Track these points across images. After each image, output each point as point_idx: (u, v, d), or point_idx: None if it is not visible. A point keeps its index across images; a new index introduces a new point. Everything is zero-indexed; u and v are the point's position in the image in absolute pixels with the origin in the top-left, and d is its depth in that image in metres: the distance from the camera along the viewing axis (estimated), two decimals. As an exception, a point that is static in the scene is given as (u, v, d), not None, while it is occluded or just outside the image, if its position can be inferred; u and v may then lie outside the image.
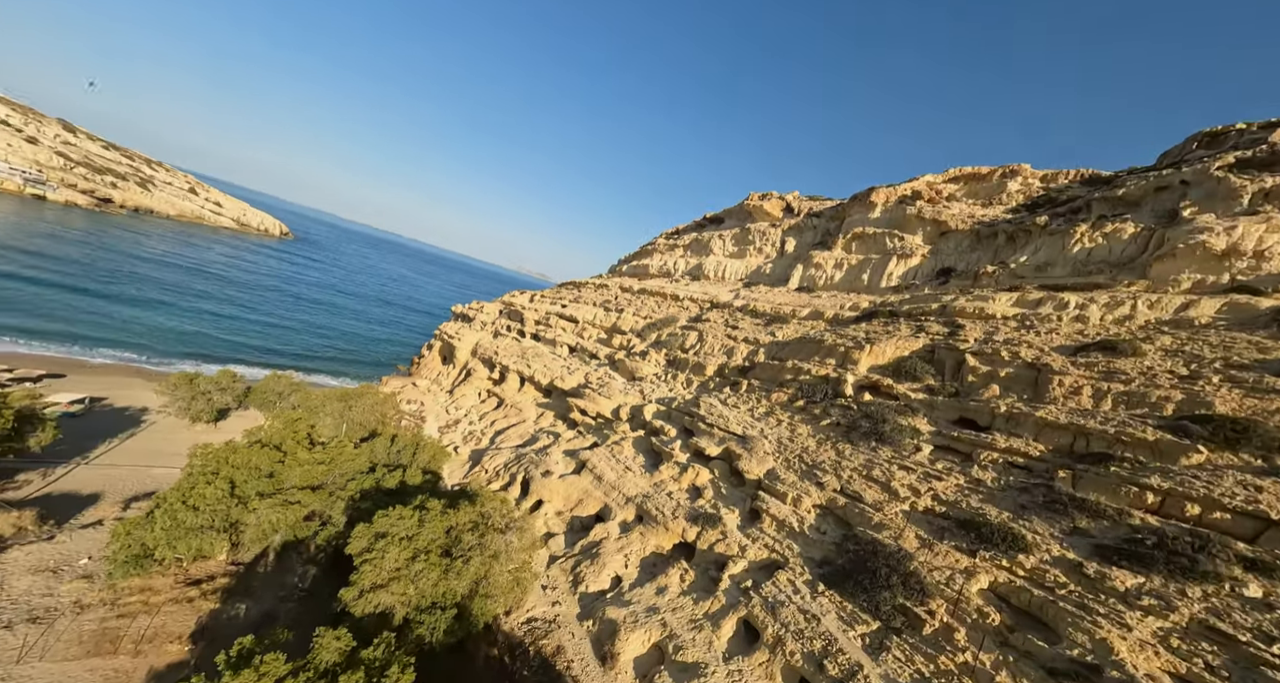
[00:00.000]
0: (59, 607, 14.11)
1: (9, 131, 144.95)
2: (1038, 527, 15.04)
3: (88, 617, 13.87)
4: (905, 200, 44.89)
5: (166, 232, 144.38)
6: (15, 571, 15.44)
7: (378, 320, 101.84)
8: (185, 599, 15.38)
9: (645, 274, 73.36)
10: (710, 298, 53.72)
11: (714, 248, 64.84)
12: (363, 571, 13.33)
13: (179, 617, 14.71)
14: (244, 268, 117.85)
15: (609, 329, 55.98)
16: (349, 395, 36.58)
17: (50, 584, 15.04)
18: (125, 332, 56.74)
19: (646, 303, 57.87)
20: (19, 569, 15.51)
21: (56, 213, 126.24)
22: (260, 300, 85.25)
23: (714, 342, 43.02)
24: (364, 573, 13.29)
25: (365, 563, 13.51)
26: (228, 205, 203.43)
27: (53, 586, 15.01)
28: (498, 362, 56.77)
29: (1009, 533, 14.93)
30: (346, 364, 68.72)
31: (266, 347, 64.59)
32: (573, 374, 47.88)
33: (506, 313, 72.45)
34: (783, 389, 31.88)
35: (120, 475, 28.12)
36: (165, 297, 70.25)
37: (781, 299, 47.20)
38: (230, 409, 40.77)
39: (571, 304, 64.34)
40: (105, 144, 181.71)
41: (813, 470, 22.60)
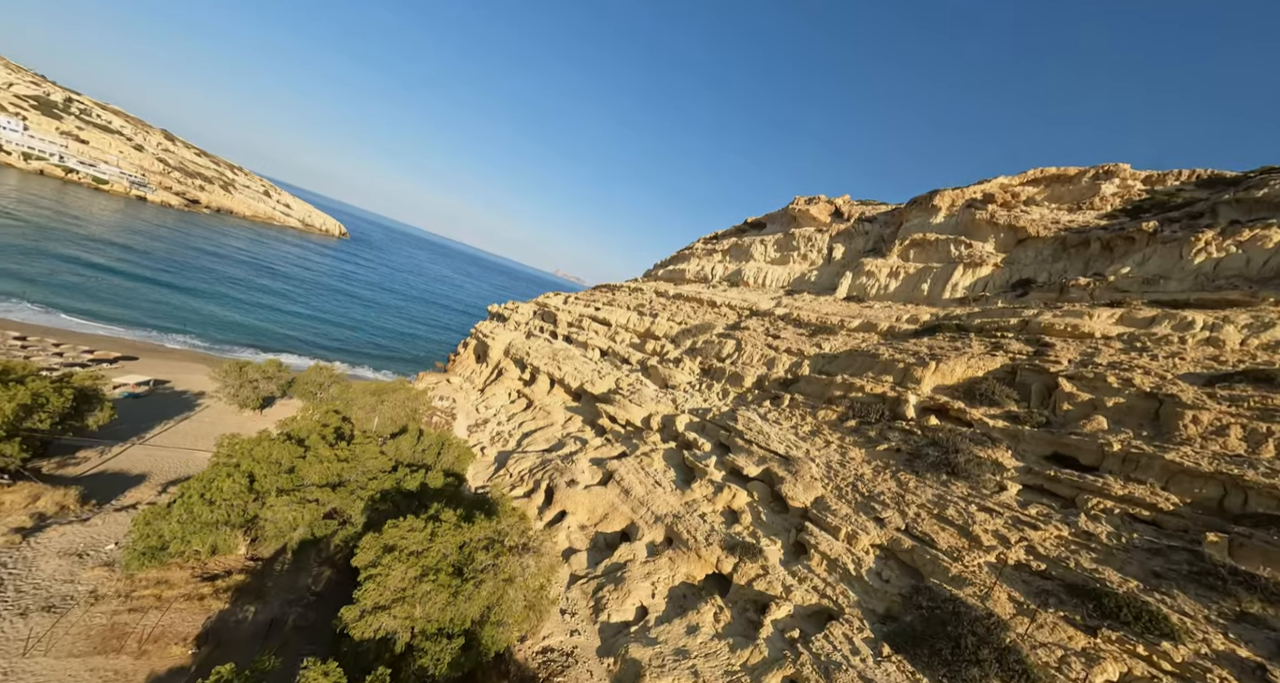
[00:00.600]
0: (75, 596, 13.83)
1: (121, 140, 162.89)
2: (1185, 606, 11.64)
3: (100, 609, 13.47)
4: (975, 204, 40.48)
5: (241, 230, 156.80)
6: (46, 552, 15.45)
7: (420, 319, 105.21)
8: (197, 597, 14.80)
9: (681, 279, 71.22)
10: (749, 305, 50.85)
11: (754, 253, 61.85)
12: (366, 588, 12.08)
13: (188, 616, 14.10)
14: (305, 266, 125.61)
15: (642, 334, 54.21)
16: (383, 390, 36.65)
17: (73, 570, 14.88)
18: (195, 321, 60.79)
19: (682, 308, 55.68)
20: (49, 551, 15.52)
21: (153, 212, 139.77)
22: (316, 297, 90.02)
23: (753, 351, 40.23)
24: (367, 591, 12.03)
25: (370, 579, 12.27)
26: (295, 207, 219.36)
27: (75, 572, 14.84)
28: (529, 362, 56.25)
29: (1144, 610, 11.64)
30: (388, 360, 70.68)
31: (317, 340, 67.45)
32: (603, 379, 46.35)
33: (540, 314, 72.33)
34: (831, 407, 28.76)
35: (167, 458, 29.02)
36: (233, 291, 75.25)
37: (828, 308, 43.72)
38: (275, 398, 42.08)
39: (605, 307, 63.13)
40: (197, 151, 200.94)
41: (870, 503, 19.61)
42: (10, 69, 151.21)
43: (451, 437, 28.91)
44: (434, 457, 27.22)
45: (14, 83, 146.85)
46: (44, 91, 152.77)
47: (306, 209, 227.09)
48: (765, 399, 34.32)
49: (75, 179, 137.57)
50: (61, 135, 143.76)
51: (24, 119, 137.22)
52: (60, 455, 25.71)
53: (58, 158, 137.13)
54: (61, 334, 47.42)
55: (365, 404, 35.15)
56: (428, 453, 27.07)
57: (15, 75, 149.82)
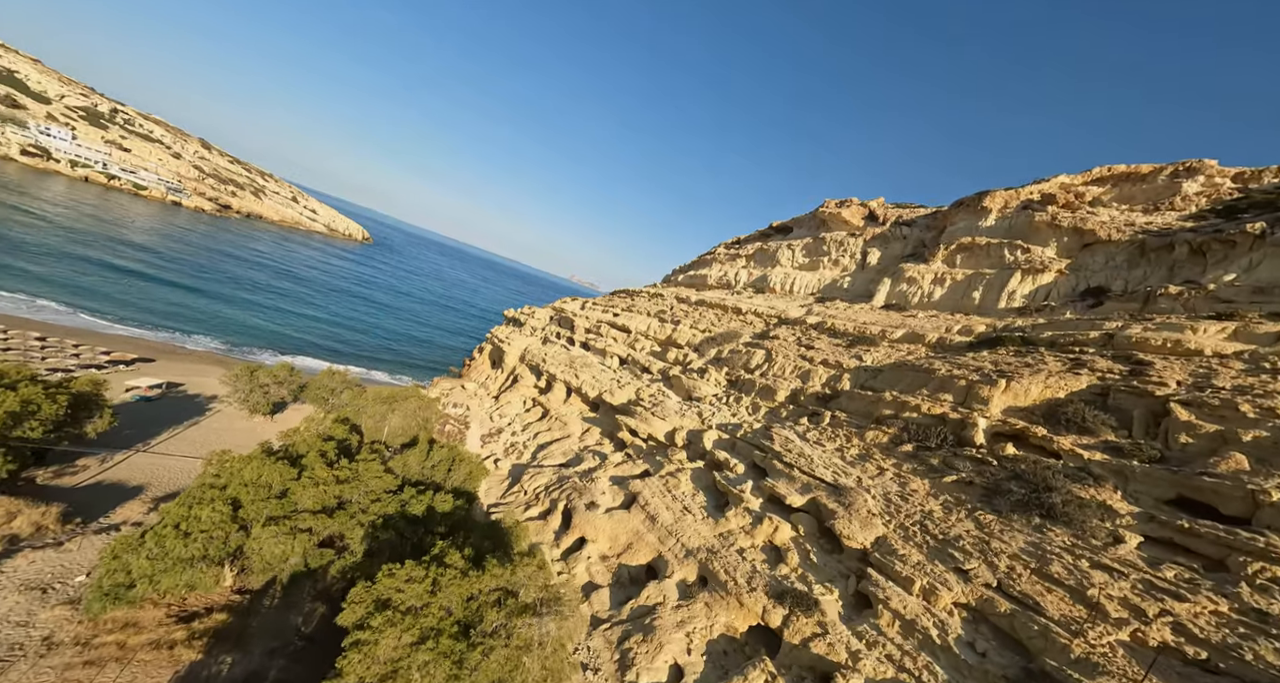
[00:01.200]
0: (26, 644, 11.88)
1: (160, 148, 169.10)
2: None
3: (50, 663, 11.44)
4: (1031, 206, 36.92)
5: (269, 234, 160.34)
6: (7, 585, 13.60)
7: (436, 324, 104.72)
8: (167, 644, 12.72)
9: (703, 285, 68.53)
10: (777, 313, 47.83)
11: (781, 259, 58.86)
12: (350, 659, 9.70)
13: (152, 670, 11.99)
14: (326, 270, 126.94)
15: (663, 341, 51.61)
16: (394, 398, 34.81)
17: (32, 609, 12.97)
18: (215, 323, 60.67)
19: (705, 315, 52.94)
20: (11, 584, 13.67)
21: (187, 216, 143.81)
22: (334, 301, 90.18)
23: (784, 362, 37.21)
24: (350, 662, 9.64)
25: (356, 647, 9.91)
26: (321, 213, 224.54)
27: (34, 611, 12.92)
28: (545, 370, 54.15)
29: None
30: (403, 365, 69.65)
31: (333, 344, 66.83)
32: (623, 388, 43.81)
33: (557, 319, 70.43)
34: (881, 428, 25.58)
35: (170, 467, 27.53)
36: (254, 295, 75.49)
37: (866, 317, 40.44)
38: (287, 403, 40.75)
39: (624, 313, 60.81)
40: (231, 159, 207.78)
41: (946, 549, 16.49)
42: (63, 82, 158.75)
43: (463, 451, 26.67)
44: (444, 473, 25.00)
45: (66, 95, 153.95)
46: (92, 103, 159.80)
47: (331, 214, 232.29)
48: (802, 416, 31.24)
49: (117, 185, 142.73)
50: (106, 144, 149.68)
51: (73, 129, 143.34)
52: (59, 464, 24.33)
53: (101, 165, 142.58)
54: (83, 335, 47.30)
55: (375, 413, 33.33)
56: (437, 469, 24.86)
57: (67, 87, 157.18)
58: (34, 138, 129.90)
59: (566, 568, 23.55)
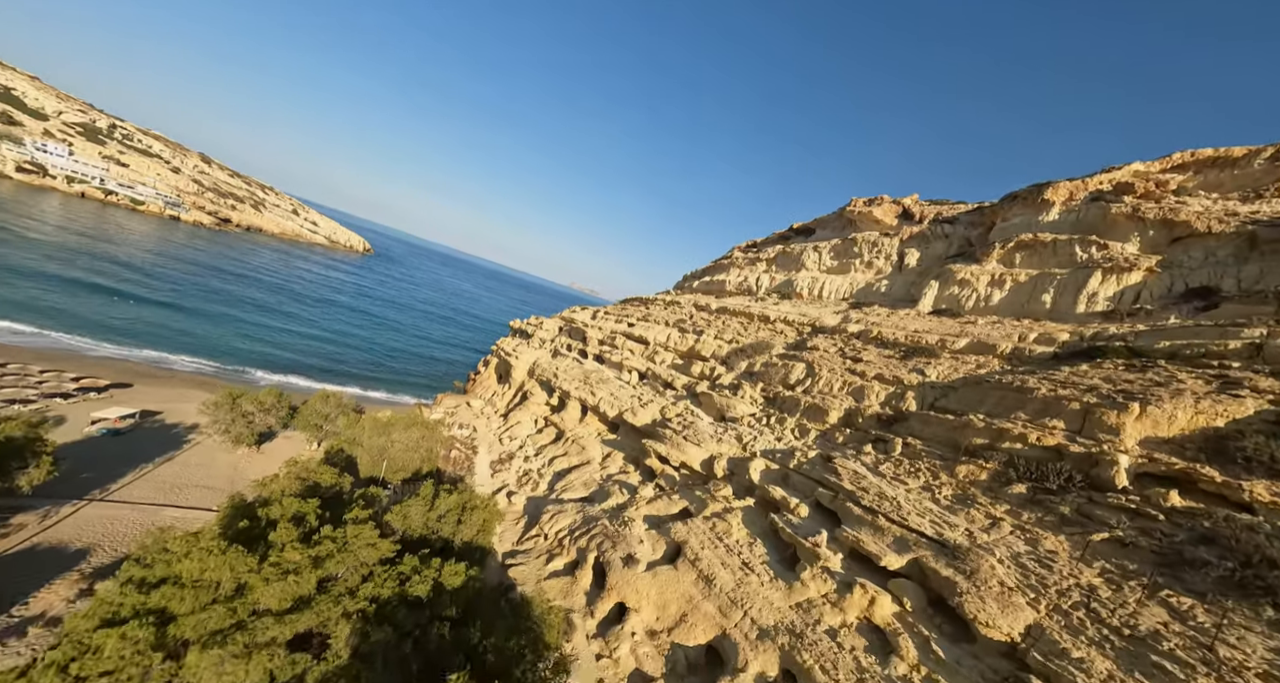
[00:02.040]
0: None
1: (159, 163, 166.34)
2: None
3: None
4: (1104, 197, 32.70)
5: (269, 248, 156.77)
6: None
7: (438, 337, 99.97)
8: None
9: (721, 291, 64.28)
10: (810, 320, 43.49)
11: (806, 262, 54.63)
12: None
13: None
14: (325, 284, 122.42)
15: (686, 354, 47.23)
16: (392, 425, 30.40)
17: None
18: (204, 342, 56.45)
19: (729, 324, 48.58)
20: None
21: (185, 231, 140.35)
22: (332, 317, 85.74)
23: (830, 377, 32.78)
24: None
25: None
26: (322, 224, 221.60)
27: None
28: (557, 386, 49.74)
29: None
30: (404, 383, 65.29)
31: (330, 362, 62.50)
32: (646, 407, 39.36)
33: (567, 331, 66.15)
34: (975, 462, 21.06)
35: (127, 520, 23.04)
36: (247, 312, 71.14)
37: (917, 325, 36.07)
38: (275, 432, 36.38)
39: (640, 323, 56.46)
40: (231, 172, 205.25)
41: (1143, 652, 11.96)
42: (61, 98, 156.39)
43: (474, 496, 22.21)
44: (452, 526, 20.53)
45: (64, 111, 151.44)
46: (90, 119, 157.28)
47: (332, 226, 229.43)
48: (864, 442, 26.73)
49: (114, 201, 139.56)
50: (104, 159, 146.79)
51: (70, 145, 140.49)
52: (-11, 522, 20.01)
53: (99, 181, 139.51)
54: (57, 359, 43.08)
55: (373, 445, 28.93)
56: (445, 521, 20.41)
57: (65, 104, 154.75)
58: (30, 154, 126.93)
59: (606, 648, 18.97)
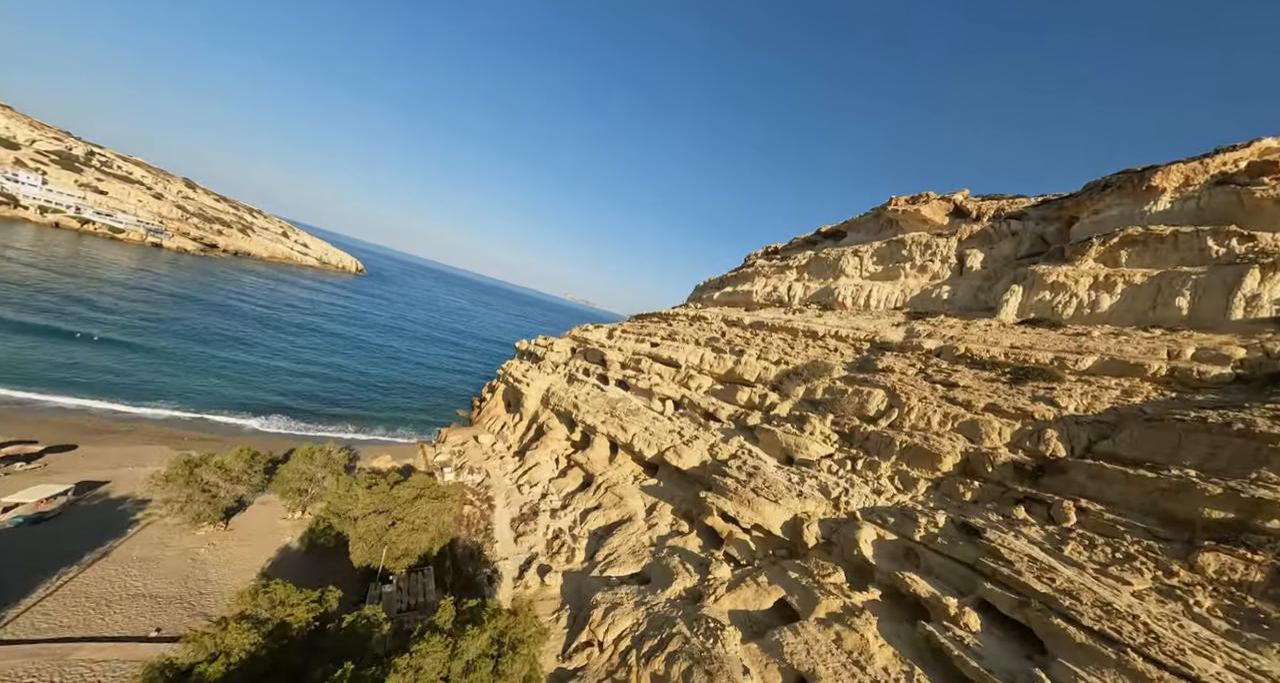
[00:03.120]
0: None
1: (141, 190, 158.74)
2: None
3: None
4: (1233, 180, 27.30)
5: (257, 273, 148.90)
6: None
7: (436, 363, 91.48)
8: None
9: (749, 302, 58.43)
10: (867, 335, 37.60)
11: (846, 268, 48.98)
12: None
13: None
14: (315, 311, 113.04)
15: (725, 378, 41.03)
16: (393, 501, 23.73)
17: None
18: (177, 386, 49.19)
19: (771, 342, 42.54)
20: None
21: (168, 258, 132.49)
22: (324, 348, 77.46)
23: (924, 408, 26.66)
24: None
25: None
26: (313, 246, 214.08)
27: None
28: (579, 419, 43.22)
29: None
30: (403, 418, 58.21)
31: (319, 401, 55.18)
32: (690, 445, 32.99)
33: (582, 352, 59.74)
34: (1229, 551, 14.87)
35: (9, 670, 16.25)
36: (226, 349, 63.18)
37: (1010, 339, 30.24)
38: (248, 501, 29.50)
39: (666, 343, 50.25)
40: (217, 197, 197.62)
41: None
42: (34, 126, 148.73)
43: (512, 623, 15.64)
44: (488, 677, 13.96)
45: (37, 139, 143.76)
46: (66, 146, 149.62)
47: (324, 248, 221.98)
48: (1005, 501, 20.55)
49: (91, 230, 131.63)
50: (80, 187, 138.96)
51: (43, 173, 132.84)
52: None
53: (74, 210, 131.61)
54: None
55: (369, 528, 22.23)
56: (478, 673, 13.84)
57: (38, 132, 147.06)
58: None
59: None
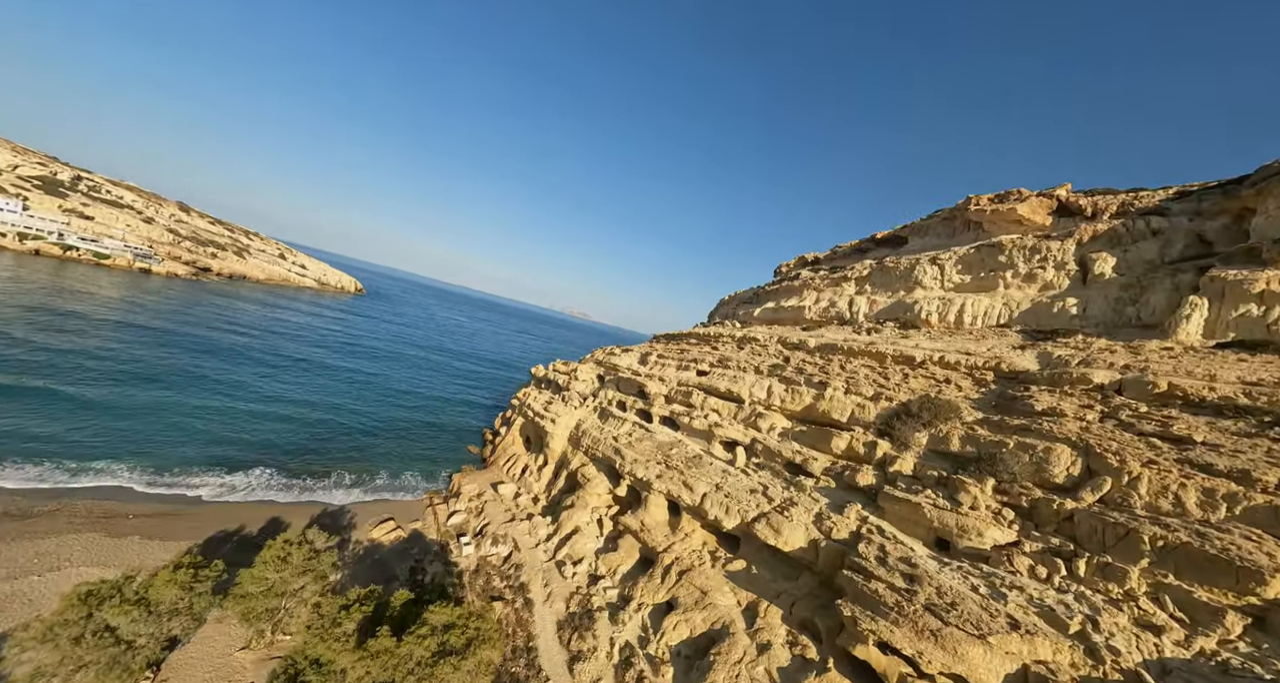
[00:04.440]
0: None
1: (130, 214, 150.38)
2: None
3: None
4: None
5: (250, 297, 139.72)
6: None
7: (440, 392, 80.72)
8: None
9: (801, 320, 50.46)
10: (986, 360, 29.63)
11: (922, 278, 41.28)
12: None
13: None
14: (310, 338, 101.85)
15: (804, 416, 32.65)
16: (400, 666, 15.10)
17: None
18: (135, 441, 40.13)
19: (856, 370, 34.38)
20: None
21: (157, 284, 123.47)
22: (317, 382, 67.09)
23: (1159, 479, 18.29)
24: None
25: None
26: (311, 267, 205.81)
27: None
28: (625, 470, 34.63)
29: None
30: (408, 462, 49.38)
31: (312, 453, 45.88)
32: (788, 514, 24.39)
33: (613, 382, 51.20)
34: None
35: None
36: (199, 392, 52.68)
37: (1234, 371, 22.24)
38: (191, 630, 20.60)
39: (717, 370, 41.96)
40: (212, 220, 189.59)
41: None
42: (17, 151, 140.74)
43: None
44: None
45: (19, 165, 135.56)
46: (51, 171, 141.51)
47: (322, 268, 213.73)
48: None
49: (75, 256, 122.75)
50: (64, 213, 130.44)
51: (24, 199, 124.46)
52: None
53: (56, 236, 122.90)
54: None
55: None
56: None
57: (21, 157, 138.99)
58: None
59: None
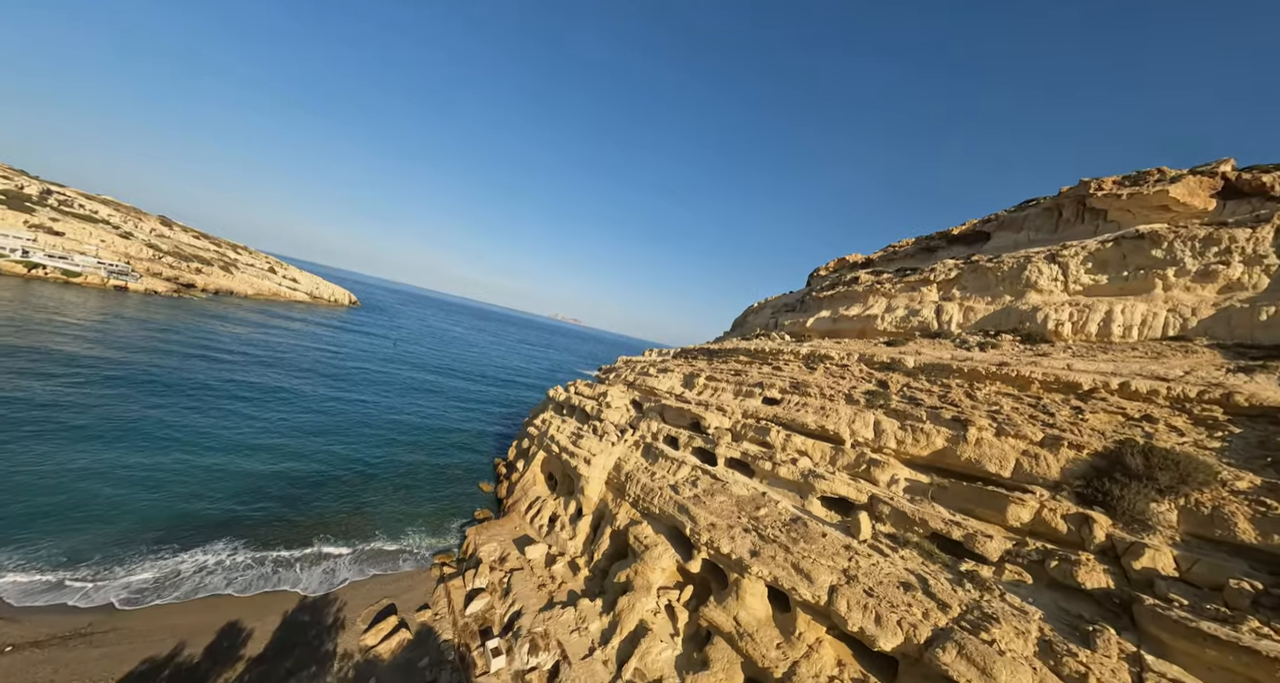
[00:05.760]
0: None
1: (105, 229, 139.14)
2: None
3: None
4: None
5: (235, 315, 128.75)
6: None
7: (444, 420, 67.24)
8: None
9: (870, 330, 42.18)
10: (1204, 388, 21.40)
11: (1038, 279, 33.21)
12: None
13: None
14: (297, 363, 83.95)
15: (936, 464, 24.16)
16: None
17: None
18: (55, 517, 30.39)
19: (999, 401, 26.03)
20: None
21: (134, 303, 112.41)
22: (299, 420, 52.14)
23: None
24: None
25: None
26: (303, 280, 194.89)
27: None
28: (699, 539, 25.79)
29: None
30: (408, 514, 40.12)
31: (293, 505, 36.53)
32: (1002, 650, 15.78)
33: (655, 410, 42.34)
34: None
35: None
36: (158, 438, 41.80)
37: None
38: None
39: (793, 398, 33.32)
40: (196, 234, 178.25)
41: None
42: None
43: None
44: None
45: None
46: (17, 185, 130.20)
47: (315, 281, 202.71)
48: None
49: (41, 275, 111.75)
50: (30, 228, 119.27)
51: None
52: None
53: (20, 253, 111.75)
54: None
55: None
56: None
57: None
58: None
59: None
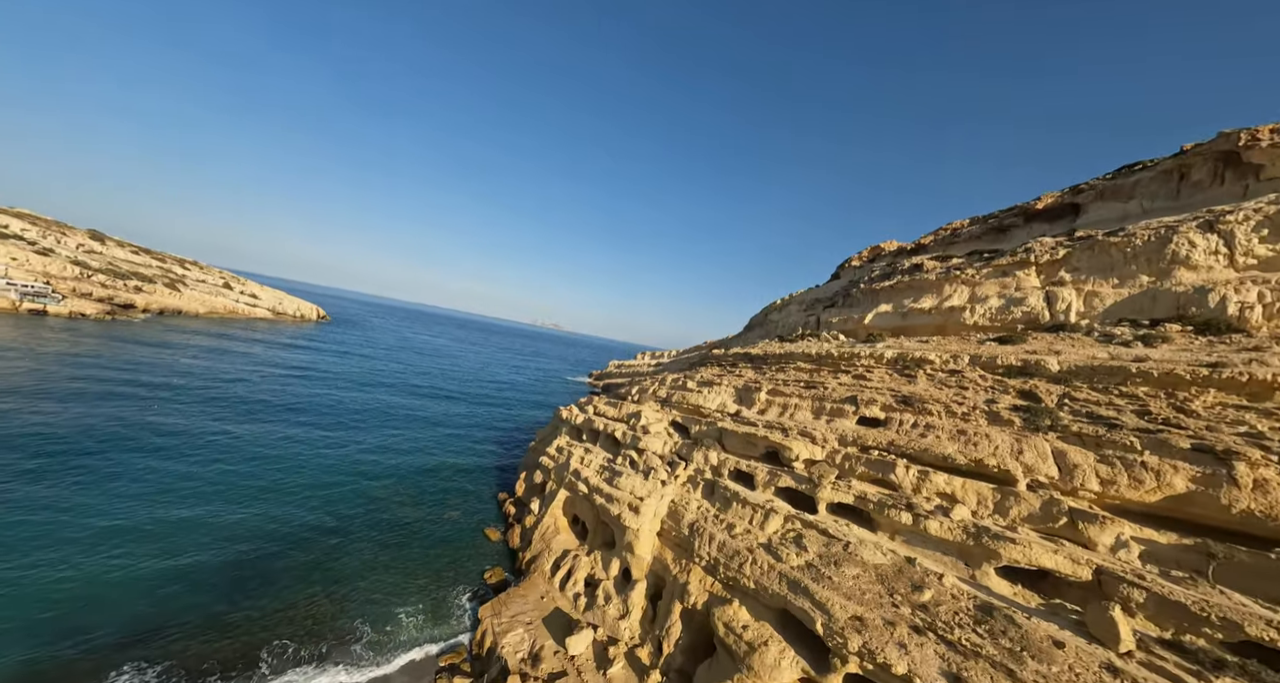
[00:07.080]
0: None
1: (19, 246, 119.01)
2: None
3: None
4: None
5: (187, 334, 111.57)
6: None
7: (432, 453, 49.09)
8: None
9: (954, 325, 34.64)
10: None
11: (1189, 254, 26.35)
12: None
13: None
14: (253, 394, 59.63)
15: (1173, 513, 16.26)
16: None
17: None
18: None
19: (1249, 421, 18.37)
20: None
21: (56, 328, 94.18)
22: (243, 468, 35.12)
23: None
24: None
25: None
26: (264, 296, 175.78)
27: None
28: (845, 647, 16.92)
29: None
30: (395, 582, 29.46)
31: (225, 598, 24.75)
32: None
33: (710, 435, 33.20)
34: None
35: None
36: (42, 529, 28.04)
37: None
38: None
39: (904, 418, 24.99)
40: (135, 249, 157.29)
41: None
42: None
43: None
44: None
45: None
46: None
47: (278, 297, 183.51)
48: None
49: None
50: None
51: None
52: None
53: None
54: None
55: None
56: None
57: None
58: None
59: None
